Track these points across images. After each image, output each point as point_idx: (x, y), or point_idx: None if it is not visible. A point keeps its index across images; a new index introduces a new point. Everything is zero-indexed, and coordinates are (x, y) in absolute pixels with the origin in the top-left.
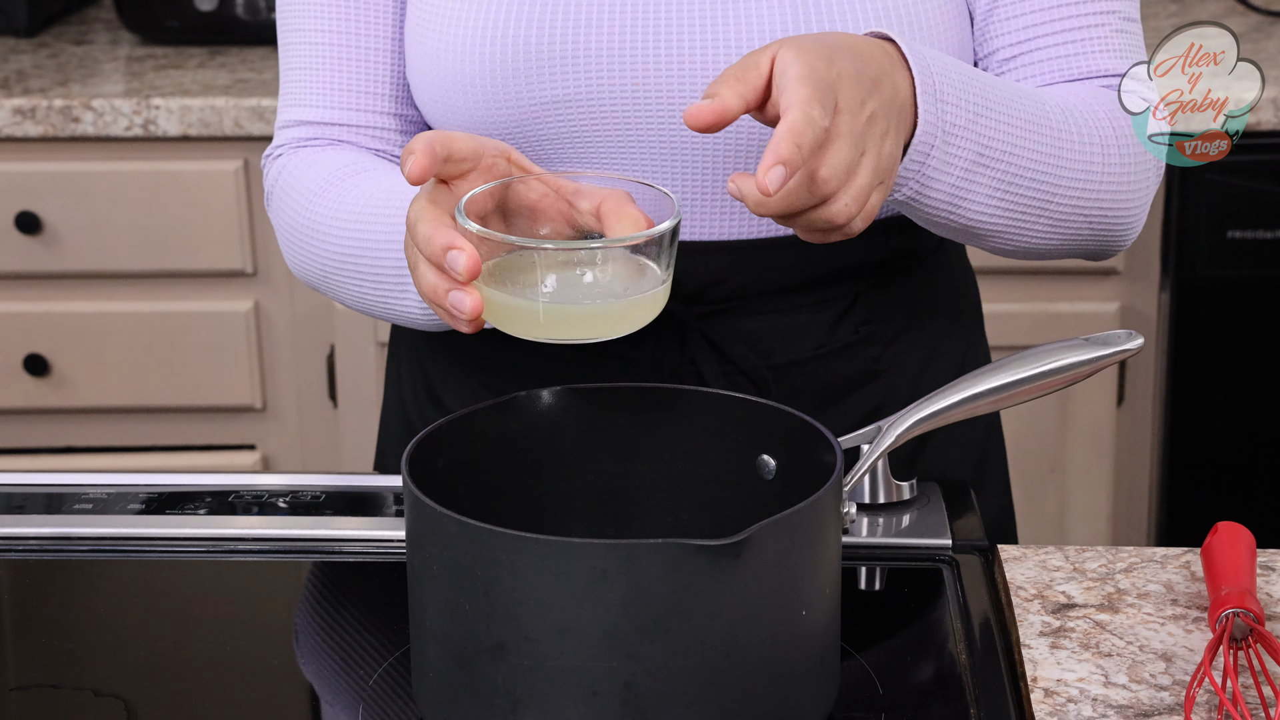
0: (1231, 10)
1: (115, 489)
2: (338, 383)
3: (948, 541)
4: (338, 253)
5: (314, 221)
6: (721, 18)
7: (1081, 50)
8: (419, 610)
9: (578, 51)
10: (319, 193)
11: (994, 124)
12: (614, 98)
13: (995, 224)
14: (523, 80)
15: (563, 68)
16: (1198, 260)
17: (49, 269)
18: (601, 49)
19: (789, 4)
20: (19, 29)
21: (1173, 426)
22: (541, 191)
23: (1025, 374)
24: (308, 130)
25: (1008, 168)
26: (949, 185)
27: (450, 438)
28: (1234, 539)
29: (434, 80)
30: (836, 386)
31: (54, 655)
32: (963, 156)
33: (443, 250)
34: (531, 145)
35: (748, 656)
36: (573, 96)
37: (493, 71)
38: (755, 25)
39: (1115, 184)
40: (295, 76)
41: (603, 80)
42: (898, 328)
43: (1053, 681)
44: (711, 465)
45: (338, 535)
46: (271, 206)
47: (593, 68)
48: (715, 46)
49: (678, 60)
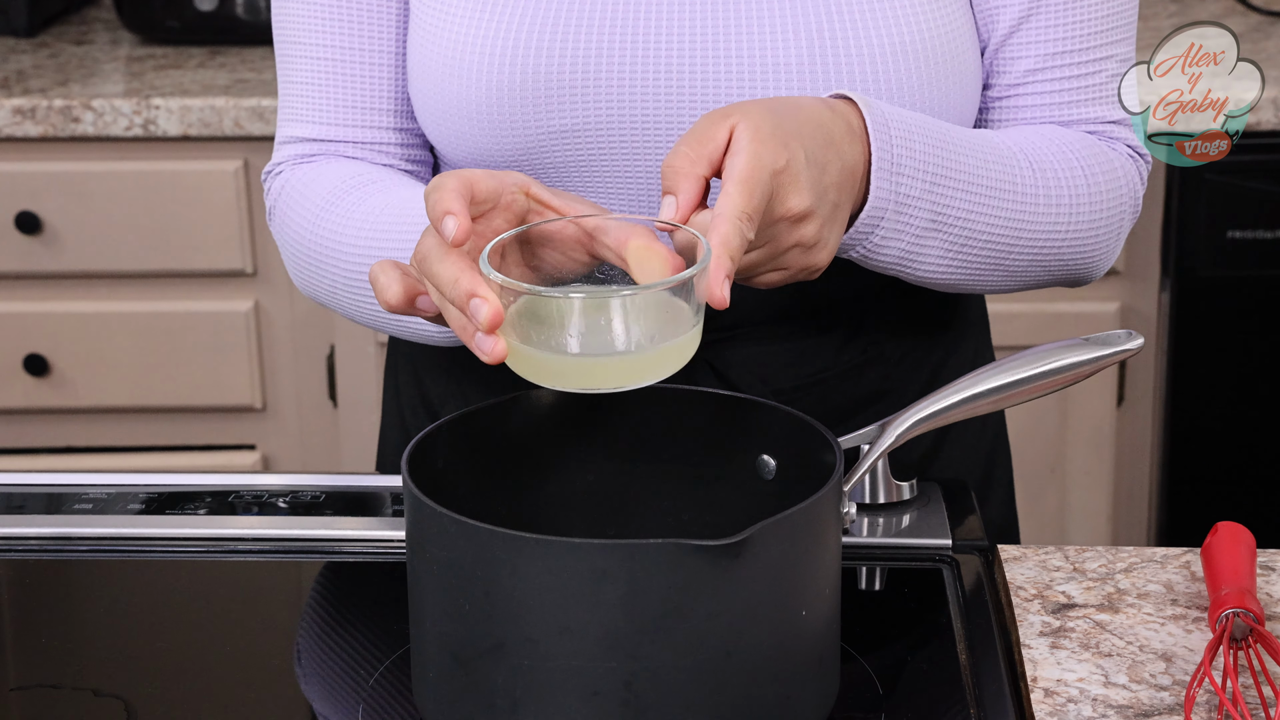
0: (1231, 10)
1: (115, 489)
2: (338, 383)
3: (948, 541)
4: (348, 270)
5: (321, 238)
6: (735, 47)
7: (1075, 98)
8: (419, 610)
9: (587, 80)
10: (325, 209)
11: (951, 190)
12: (622, 127)
13: (948, 279)
14: (530, 108)
15: (571, 96)
16: (1198, 260)
17: (49, 269)
18: (611, 78)
19: (803, 34)
20: (19, 29)
21: (1173, 426)
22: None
23: (1025, 374)
24: (308, 147)
25: (962, 231)
26: (899, 249)
27: (450, 438)
28: (1234, 539)
29: (439, 104)
30: (844, 407)
31: (54, 655)
32: (915, 223)
33: (466, 296)
34: (537, 173)
35: (748, 656)
36: (580, 125)
37: (500, 98)
38: (769, 54)
39: (1080, 237)
40: (295, 91)
41: (611, 109)
42: (905, 346)
43: (1053, 681)
44: (711, 465)
45: (338, 535)
46: (274, 223)
47: (602, 97)
48: (727, 76)
49: (689, 90)
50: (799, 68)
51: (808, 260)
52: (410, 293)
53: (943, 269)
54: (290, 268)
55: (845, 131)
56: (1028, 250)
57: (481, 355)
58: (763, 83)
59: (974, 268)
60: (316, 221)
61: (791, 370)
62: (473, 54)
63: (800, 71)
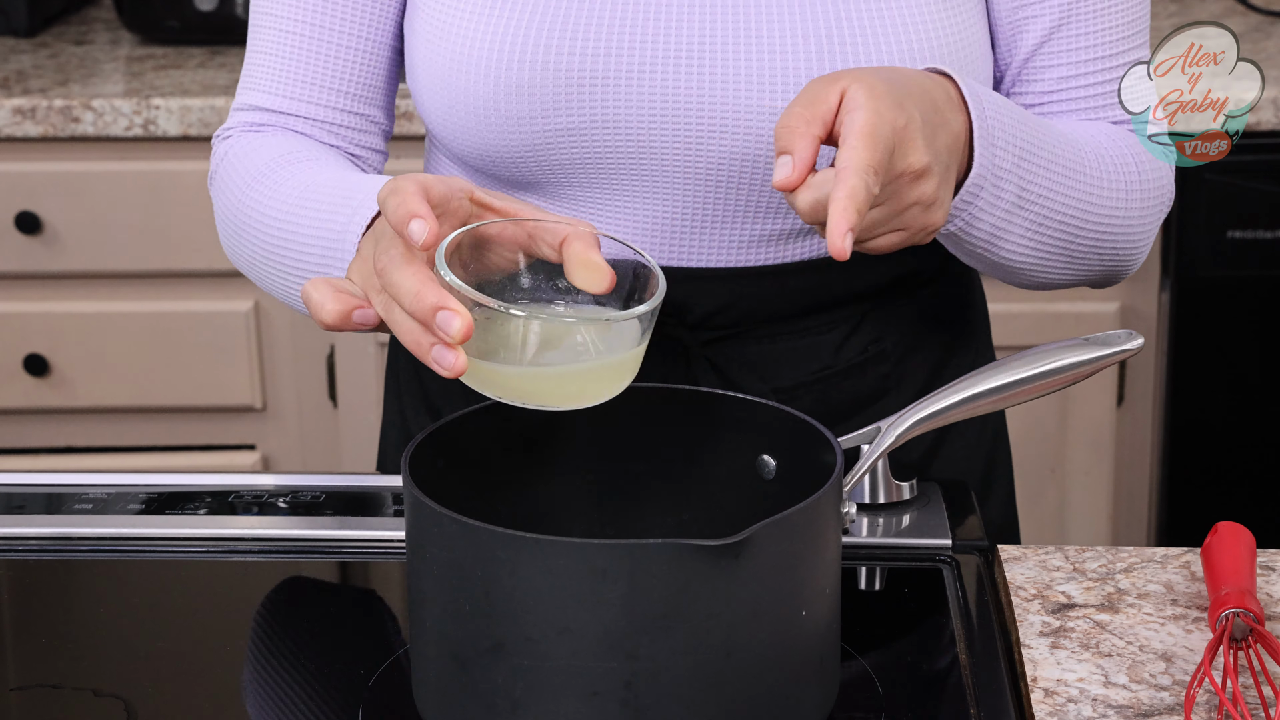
0: (1231, 10)
1: (115, 489)
2: (338, 383)
3: (948, 541)
4: (266, 242)
5: (247, 208)
6: (744, 49)
7: (1108, 101)
8: (419, 610)
9: (595, 78)
10: (258, 179)
11: (1035, 167)
12: (629, 125)
13: (1025, 262)
14: (538, 105)
15: (579, 94)
16: (1198, 260)
17: (49, 269)
18: (620, 76)
19: (813, 38)
20: (19, 29)
21: (1173, 426)
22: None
23: (1025, 374)
24: (261, 116)
25: (1042, 209)
26: (990, 224)
27: (450, 438)
28: (1234, 539)
29: (444, 101)
30: (845, 406)
31: (54, 655)
32: (1006, 197)
33: (433, 310)
34: (542, 170)
35: (748, 656)
36: (587, 123)
37: (507, 95)
38: (779, 57)
39: (1133, 225)
40: (259, 60)
41: (619, 108)
42: (906, 345)
43: (1053, 681)
44: (711, 465)
45: (338, 535)
46: (213, 187)
47: (609, 95)
48: (736, 78)
49: (696, 90)
50: (808, 71)
51: (926, 219)
52: (346, 309)
53: (1023, 250)
54: (220, 232)
55: (946, 100)
56: (1092, 235)
57: (441, 369)
58: (771, 85)
59: (1046, 250)
60: (247, 191)
61: (792, 369)
62: (481, 50)
63: (809, 74)
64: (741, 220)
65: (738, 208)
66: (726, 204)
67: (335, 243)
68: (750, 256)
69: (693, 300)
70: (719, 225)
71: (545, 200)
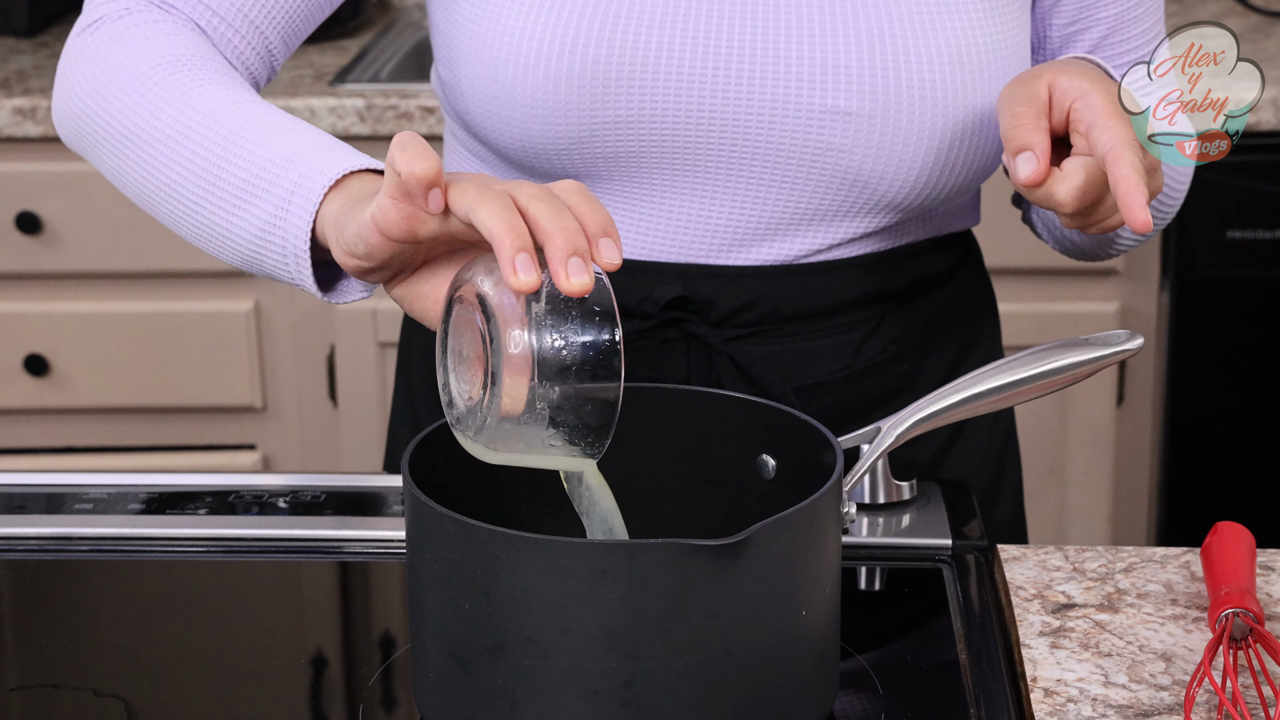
0: (1231, 10)
1: (115, 489)
2: (338, 383)
3: (948, 541)
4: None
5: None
6: (795, 47)
7: None
8: (419, 610)
9: (645, 72)
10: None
11: None
12: (676, 121)
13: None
14: (586, 98)
15: (628, 88)
16: (1197, 260)
17: (49, 269)
18: (671, 70)
19: (865, 38)
20: (19, 29)
21: (1173, 426)
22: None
23: (1025, 374)
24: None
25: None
26: None
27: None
28: (1234, 539)
29: (489, 91)
30: (863, 405)
31: (54, 655)
32: None
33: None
34: (585, 163)
35: (748, 656)
36: (634, 117)
37: (555, 88)
38: (830, 56)
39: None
40: None
41: (666, 102)
42: (925, 345)
43: (1053, 681)
44: (711, 465)
45: (338, 535)
46: (68, 64)
47: (658, 89)
48: (786, 76)
49: (745, 87)
50: (859, 71)
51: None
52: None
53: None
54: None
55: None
56: (1179, 189)
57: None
58: (821, 83)
59: (1158, 212)
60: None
61: (813, 368)
62: (530, 42)
63: (860, 74)
64: (774, 220)
65: (773, 207)
66: (763, 203)
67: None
68: (776, 255)
69: (717, 298)
70: (751, 224)
71: None
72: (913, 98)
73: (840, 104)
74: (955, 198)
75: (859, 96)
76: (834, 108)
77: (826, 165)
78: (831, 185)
